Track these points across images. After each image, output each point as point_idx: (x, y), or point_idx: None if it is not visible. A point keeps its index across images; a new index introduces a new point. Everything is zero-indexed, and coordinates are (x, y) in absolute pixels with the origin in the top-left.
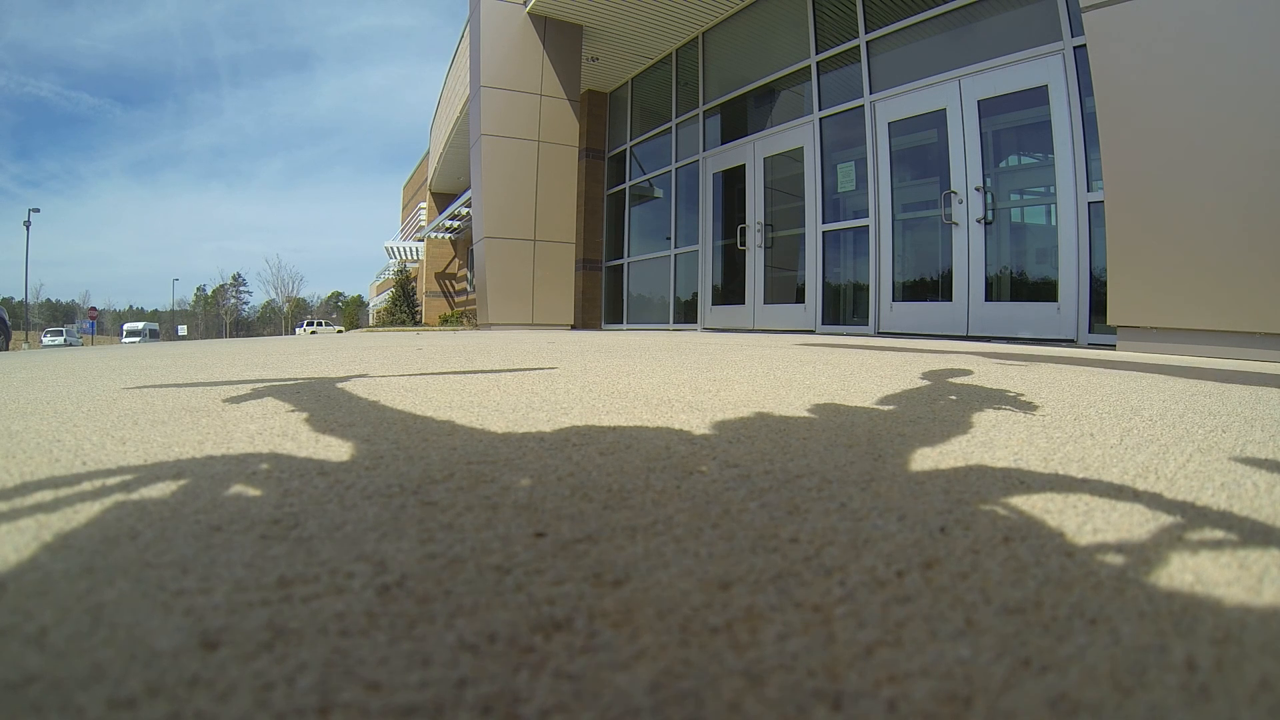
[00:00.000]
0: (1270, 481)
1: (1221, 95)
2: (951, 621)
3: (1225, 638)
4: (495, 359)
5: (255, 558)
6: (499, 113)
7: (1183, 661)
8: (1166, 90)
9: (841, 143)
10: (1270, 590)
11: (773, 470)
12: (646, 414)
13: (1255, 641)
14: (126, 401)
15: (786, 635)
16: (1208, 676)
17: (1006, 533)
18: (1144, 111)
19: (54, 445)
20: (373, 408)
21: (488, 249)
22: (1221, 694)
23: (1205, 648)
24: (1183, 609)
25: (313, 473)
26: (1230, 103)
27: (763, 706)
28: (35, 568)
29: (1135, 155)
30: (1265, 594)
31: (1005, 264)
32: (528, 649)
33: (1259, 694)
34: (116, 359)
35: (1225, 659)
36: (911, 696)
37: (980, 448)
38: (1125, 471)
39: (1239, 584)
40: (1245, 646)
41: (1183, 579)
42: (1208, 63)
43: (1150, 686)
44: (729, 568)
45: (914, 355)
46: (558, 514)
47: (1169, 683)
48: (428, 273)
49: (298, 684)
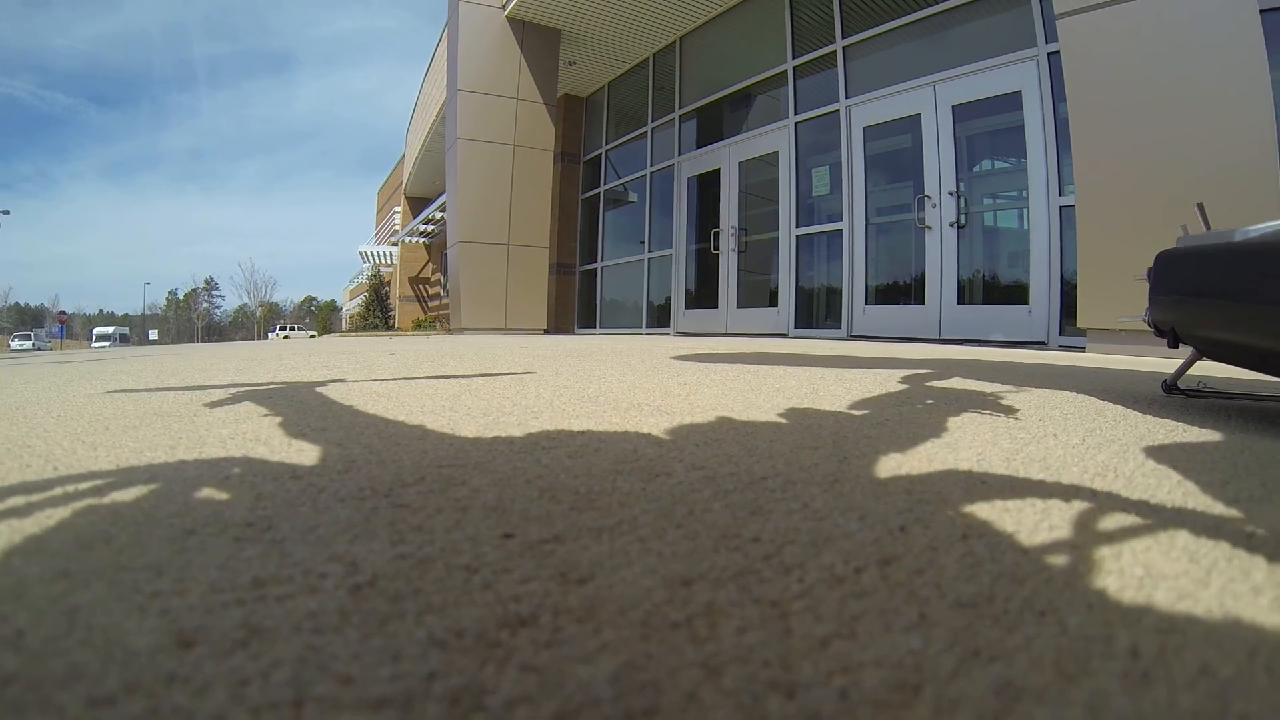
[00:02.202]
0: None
1: (1190, 102)
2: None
3: (1170, 627)
4: (467, 364)
5: (229, 559)
6: (475, 116)
7: (1126, 650)
8: (1137, 96)
9: (816, 147)
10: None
11: (738, 472)
12: (616, 418)
13: (1198, 631)
14: (97, 407)
15: (744, 629)
16: (1150, 664)
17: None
18: (1115, 117)
19: (24, 451)
20: (345, 412)
21: (462, 253)
22: (1162, 680)
23: (1149, 636)
24: (1131, 600)
25: (286, 476)
26: (1198, 109)
27: (719, 696)
28: (9, 572)
29: (1106, 160)
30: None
31: (978, 267)
32: (494, 644)
33: (1198, 679)
34: (85, 363)
35: (1168, 647)
36: (863, 685)
37: (945, 449)
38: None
39: (1187, 576)
40: (1188, 635)
41: (1133, 572)
42: (1177, 70)
43: (1094, 674)
44: (691, 566)
45: (871, 371)
46: (526, 515)
47: (1112, 670)
48: (401, 277)
49: (272, 679)
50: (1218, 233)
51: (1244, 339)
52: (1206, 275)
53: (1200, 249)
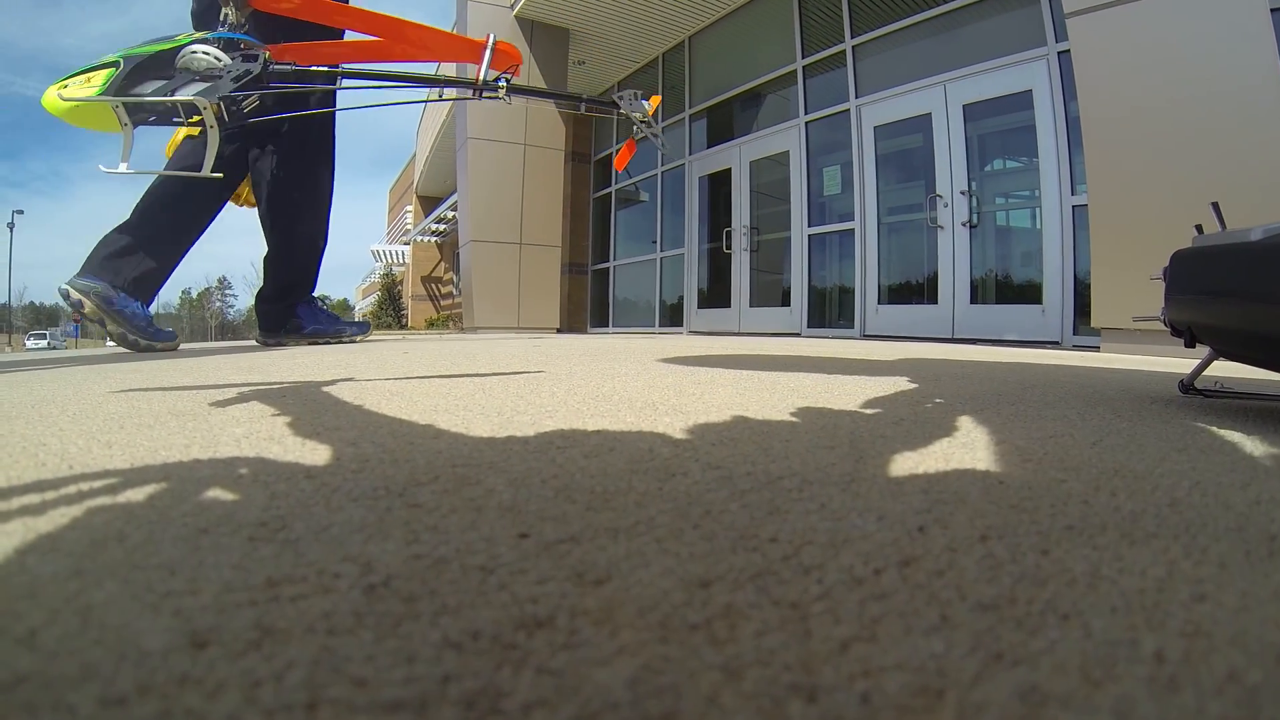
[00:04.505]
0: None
1: (1200, 100)
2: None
3: (1195, 631)
4: (480, 363)
5: (243, 559)
6: (486, 116)
7: (1152, 654)
8: (1147, 95)
9: (827, 146)
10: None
11: (754, 472)
12: (631, 417)
13: (1223, 635)
14: (112, 405)
15: (764, 632)
16: (1176, 669)
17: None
18: (1126, 116)
19: (39, 449)
20: (358, 411)
21: (473, 253)
22: (1189, 685)
23: (1175, 641)
24: (1154, 603)
25: (299, 476)
26: (1208, 108)
27: (739, 699)
28: (23, 570)
29: (1117, 159)
30: (1236, 588)
31: (990, 267)
32: (510, 646)
33: (1226, 685)
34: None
35: (1194, 652)
36: (885, 689)
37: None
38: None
39: (1210, 580)
40: (1214, 640)
41: (1155, 574)
42: (1187, 69)
43: (1120, 679)
44: (709, 567)
45: (884, 372)
46: (542, 515)
47: (1138, 675)
48: (414, 276)
49: (286, 681)
50: (1234, 231)
51: (1263, 339)
52: (1224, 274)
53: (1218, 248)
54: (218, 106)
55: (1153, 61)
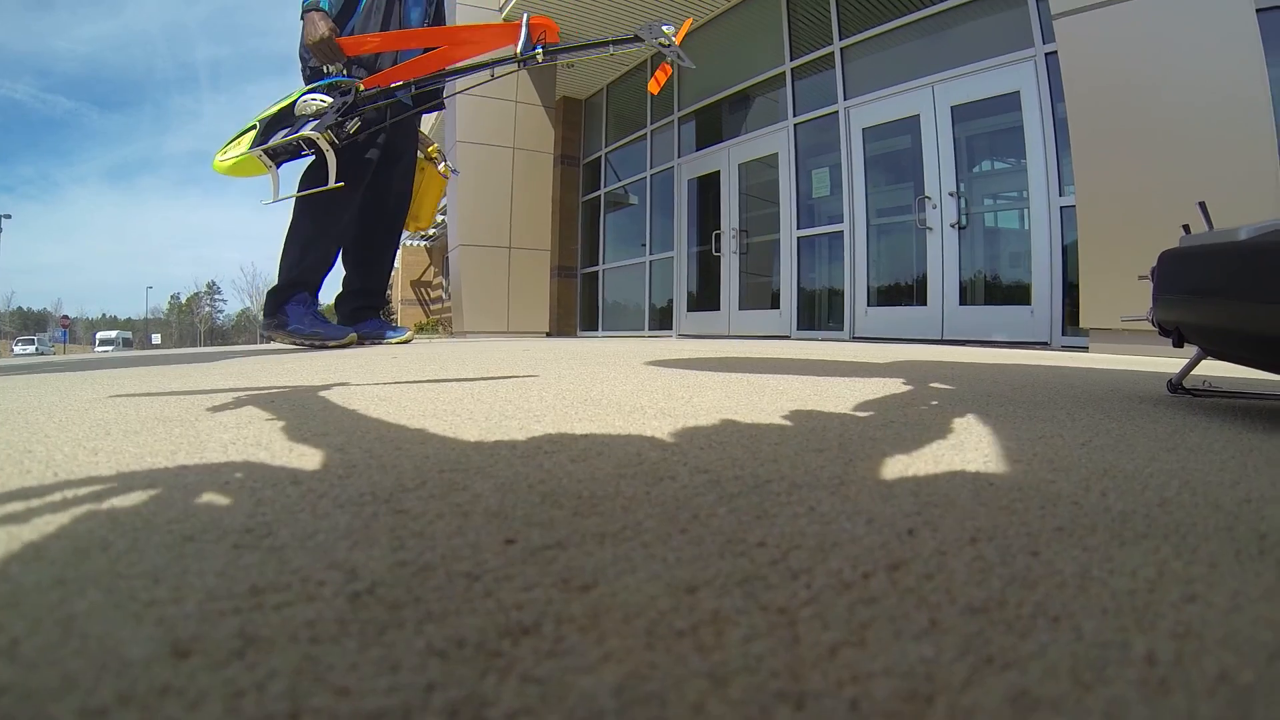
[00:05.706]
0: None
1: (1188, 101)
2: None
3: (1185, 632)
4: (469, 367)
5: (227, 567)
6: (474, 119)
7: (1143, 656)
8: (1135, 96)
9: (816, 148)
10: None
11: (742, 475)
12: (619, 420)
13: (1214, 636)
14: (99, 411)
15: (751, 637)
16: (1167, 670)
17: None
18: (1113, 117)
19: (25, 456)
20: (347, 416)
21: (462, 256)
22: (1181, 687)
23: (1165, 642)
24: (1144, 604)
25: (286, 482)
26: (1196, 108)
27: (726, 707)
28: (5, 579)
29: (1105, 160)
30: (1226, 587)
31: (979, 268)
32: (495, 654)
33: (1217, 686)
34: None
35: (1185, 653)
36: (874, 695)
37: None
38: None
39: (1200, 579)
40: (1205, 640)
41: (1145, 575)
42: (1175, 69)
43: (1111, 681)
44: (696, 572)
45: (874, 374)
46: (528, 521)
47: (1129, 677)
48: (403, 280)
49: (268, 690)
50: (1221, 231)
51: (1251, 337)
52: (1212, 274)
53: (1205, 247)
54: (328, 134)
55: (1140, 62)
